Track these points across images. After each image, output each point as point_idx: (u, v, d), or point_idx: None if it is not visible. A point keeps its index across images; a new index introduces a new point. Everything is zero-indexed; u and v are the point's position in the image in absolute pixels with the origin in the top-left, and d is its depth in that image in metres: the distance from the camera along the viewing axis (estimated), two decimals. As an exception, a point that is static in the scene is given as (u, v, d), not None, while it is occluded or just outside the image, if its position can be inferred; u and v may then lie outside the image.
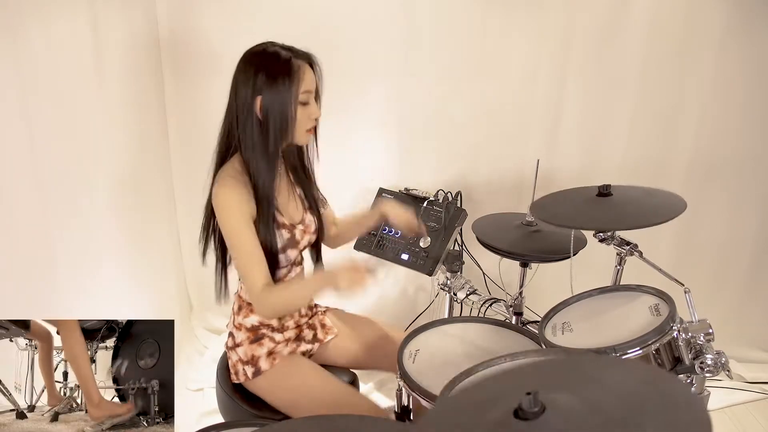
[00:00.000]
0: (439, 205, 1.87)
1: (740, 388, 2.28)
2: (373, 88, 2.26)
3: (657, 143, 2.32)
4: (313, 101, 1.32)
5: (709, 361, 1.17)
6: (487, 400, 0.70)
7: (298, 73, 1.26)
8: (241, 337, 1.44)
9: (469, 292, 1.89)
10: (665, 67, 2.21)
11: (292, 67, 1.26)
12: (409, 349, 1.40)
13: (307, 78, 1.29)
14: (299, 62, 1.28)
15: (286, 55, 1.27)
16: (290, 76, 1.25)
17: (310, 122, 1.33)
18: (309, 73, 1.30)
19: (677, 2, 2.13)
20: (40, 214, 1.50)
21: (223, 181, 1.30)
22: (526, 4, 2.17)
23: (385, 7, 2.15)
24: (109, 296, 1.84)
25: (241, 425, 1.06)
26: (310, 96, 1.31)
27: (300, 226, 1.42)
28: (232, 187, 1.28)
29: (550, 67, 2.25)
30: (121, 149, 1.94)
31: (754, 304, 2.48)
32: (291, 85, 1.26)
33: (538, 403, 0.62)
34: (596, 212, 1.52)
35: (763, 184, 2.33)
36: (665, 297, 1.31)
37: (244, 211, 1.28)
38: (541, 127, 2.33)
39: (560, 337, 1.31)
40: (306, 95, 1.29)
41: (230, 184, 1.28)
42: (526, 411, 0.62)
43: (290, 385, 1.41)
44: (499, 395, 0.70)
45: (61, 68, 1.57)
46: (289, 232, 1.38)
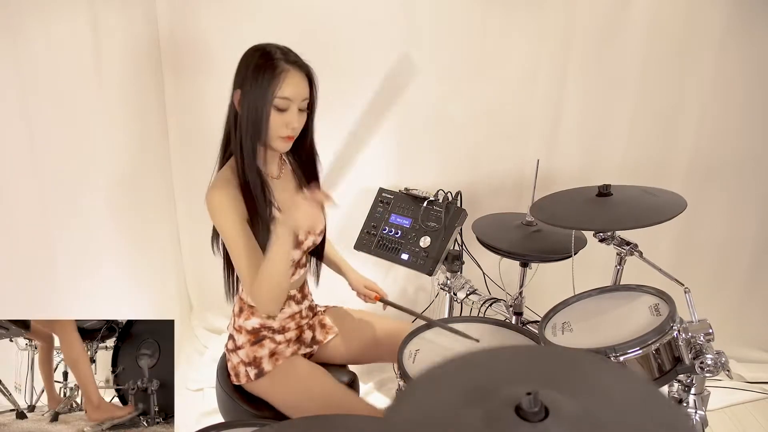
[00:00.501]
0: (439, 205, 1.87)
1: (740, 388, 2.28)
2: (373, 87, 2.26)
3: (657, 143, 2.32)
4: (293, 110, 1.28)
5: (709, 361, 1.17)
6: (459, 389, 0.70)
7: (281, 76, 1.24)
8: (241, 339, 1.44)
9: (469, 292, 1.89)
10: (665, 67, 2.21)
11: (275, 68, 1.24)
12: (409, 349, 1.40)
13: (291, 84, 1.25)
14: (287, 66, 1.25)
15: (276, 56, 1.26)
16: (271, 76, 1.24)
17: (284, 129, 1.29)
18: (295, 80, 1.26)
19: (677, 2, 2.13)
20: (40, 214, 1.50)
21: (215, 183, 1.30)
22: (526, 4, 2.17)
23: (385, 7, 2.15)
24: (109, 296, 1.84)
25: (241, 425, 1.06)
26: (290, 103, 1.27)
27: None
28: (222, 189, 1.27)
29: (550, 67, 2.25)
30: (121, 149, 1.94)
31: (754, 304, 2.48)
32: (269, 85, 1.24)
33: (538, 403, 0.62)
34: (596, 212, 1.52)
35: (763, 184, 2.33)
36: (665, 297, 1.31)
37: (236, 211, 1.27)
38: (541, 127, 2.33)
39: (560, 337, 1.31)
40: (284, 101, 1.26)
41: (221, 186, 1.28)
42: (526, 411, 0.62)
43: (292, 387, 1.41)
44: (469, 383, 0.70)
45: (61, 68, 1.57)
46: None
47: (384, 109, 2.31)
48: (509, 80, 2.27)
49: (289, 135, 1.30)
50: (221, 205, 1.26)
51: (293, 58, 1.28)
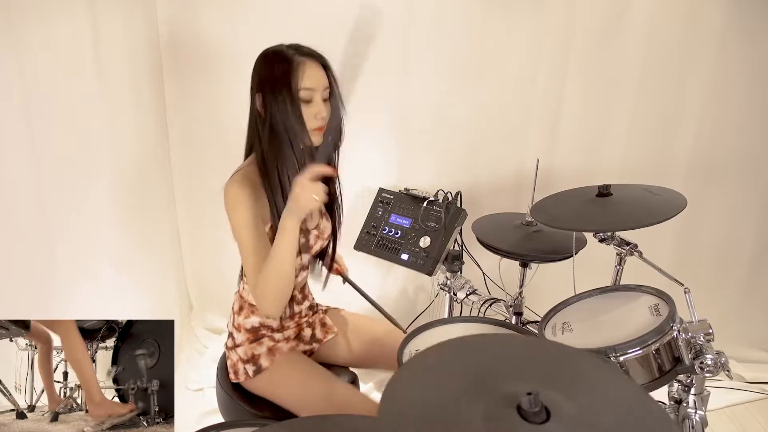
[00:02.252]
0: (439, 205, 1.87)
1: (740, 388, 2.28)
2: (373, 87, 2.26)
3: (657, 143, 2.32)
4: (318, 100, 1.28)
5: (709, 361, 1.17)
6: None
7: (299, 68, 1.25)
8: (240, 338, 1.44)
9: (469, 292, 1.89)
10: (665, 66, 2.21)
11: (292, 62, 1.25)
12: (409, 349, 1.39)
13: (310, 75, 1.26)
14: (302, 58, 1.26)
15: (289, 52, 1.27)
16: (289, 70, 1.24)
17: (315, 121, 1.29)
18: (313, 70, 1.27)
19: (677, 2, 2.13)
20: (39, 214, 1.50)
21: (233, 178, 1.30)
22: (526, 4, 2.17)
23: (386, 7, 2.15)
24: (109, 296, 1.84)
25: (241, 425, 1.06)
26: (314, 94, 1.27)
27: (314, 231, 1.42)
28: (241, 185, 1.27)
29: (550, 67, 2.25)
30: (121, 149, 1.94)
31: (754, 304, 2.48)
32: (290, 79, 1.24)
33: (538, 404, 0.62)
34: (596, 213, 1.52)
35: (763, 184, 2.33)
36: (665, 297, 1.31)
37: (250, 210, 1.26)
38: (541, 127, 2.33)
39: (560, 337, 1.31)
40: (308, 92, 1.26)
41: (239, 182, 1.27)
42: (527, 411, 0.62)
43: (291, 383, 1.41)
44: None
45: (61, 68, 1.57)
46: (303, 237, 1.38)
47: (384, 109, 2.31)
48: (509, 80, 2.27)
49: (320, 126, 1.30)
50: (236, 201, 1.26)
51: (306, 51, 1.29)
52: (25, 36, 1.42)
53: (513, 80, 2.27)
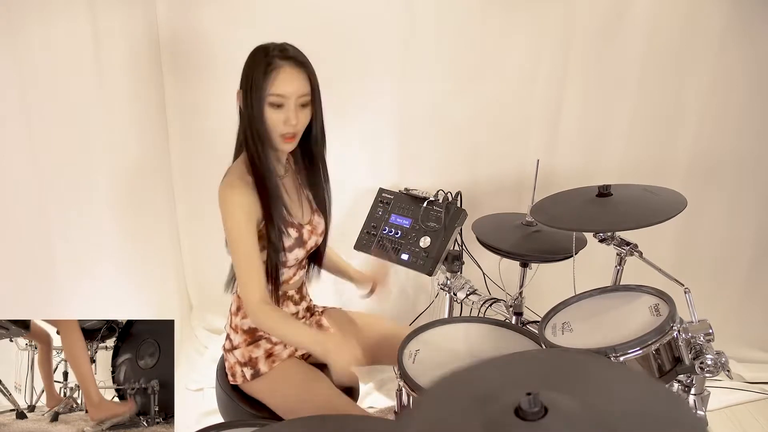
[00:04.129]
0: (439, 205, 1.87)
1: (740, 388, 2.28)
2: (373, 88, 2.26)
3: (657, 143, 2.32)
4: (291, 106, 1.25)
5: (709, 361, 1.17)
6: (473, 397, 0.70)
7: (272, 73, 1.23)
8: (238, 339, 1.44)
9: (469, 292, 1.89)
10: (665, 67, 2.21)
11: (268, 65, 1.23)
12: (409, 349, 1.39)
13: (283, 80, 1.23)
14: (281, 63, 1.24)
15: (272, 53, 1.25)
16: (263, 72, 1.23)
17: (284, 127, 1.26)
18: (289, 76, 1.24)
19: (677, 2, 2.13)
20: (39, 214, 1.50)
21: (228, 180, 1.30)
22: (526, 4, 2.17)
23: (386, 7, 2.15)
24: (109, 296, 1.84)
25: (241, 425, 1.06)
26: (286, 100, 1.24)
27: (308, 227, 1.42)
28: (234, 186, 1.27)
29: (550, 67, 2.25)
30: (121, 149, 1.94)
31: (754, 304, 2.48)
32: (262, 82, 1.23)
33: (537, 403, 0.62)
34: (596, 213, 1.52)
35: (763, 184, 2.33)
36: (665, 297, 1.31)
37: (246, 212, 1.27)
38: (541, 127, 2.33)
39: (560, 337, 1.31)
40: (278, 98, 1.24)
41: (234, 184, 1.27)
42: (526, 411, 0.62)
43: (287, 390, 1.40)
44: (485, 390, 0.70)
45: (60, 68, 1.57)
46: (297, 232, 1.37)
47: (384, 108, 2.31)
48: (509, 80, 2.27)
49: (289, 132, 1.28)
50: (229, 202, 1.26)
51: (290, 54, 1.26)
52: (25, 36, 1.42)
53: (513, 80, 2.27)
